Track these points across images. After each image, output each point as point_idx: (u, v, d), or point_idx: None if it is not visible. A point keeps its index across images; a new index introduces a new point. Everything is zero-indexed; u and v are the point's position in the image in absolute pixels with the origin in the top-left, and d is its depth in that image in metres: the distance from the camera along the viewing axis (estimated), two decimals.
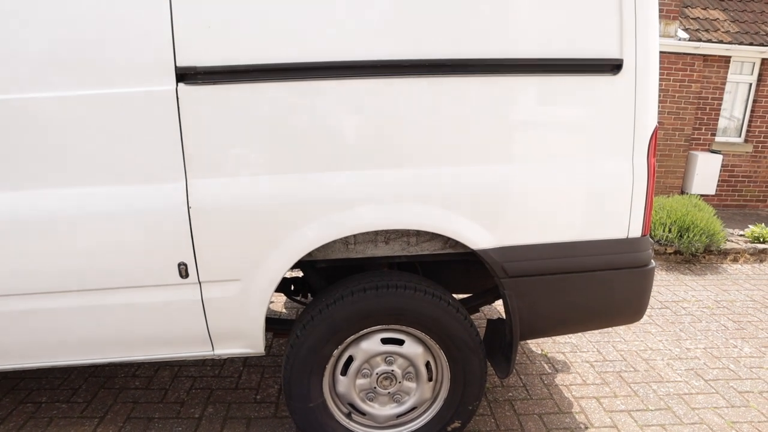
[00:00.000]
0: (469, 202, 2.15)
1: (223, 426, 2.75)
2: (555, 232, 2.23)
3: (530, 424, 2.81)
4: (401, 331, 2.32)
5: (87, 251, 2.03)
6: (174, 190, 2.02)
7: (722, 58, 8.41)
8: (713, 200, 8.99)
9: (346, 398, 2.39)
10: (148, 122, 1.96)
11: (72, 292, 2.10)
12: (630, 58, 2.12)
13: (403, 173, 2.10)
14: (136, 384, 3.13)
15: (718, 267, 5.68)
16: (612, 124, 2.18)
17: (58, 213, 1.99)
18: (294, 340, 2.24)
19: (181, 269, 2.09)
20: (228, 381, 3.18)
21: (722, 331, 4.05)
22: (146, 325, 2.18)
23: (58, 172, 1.97)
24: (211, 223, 2.05)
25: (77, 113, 1.93)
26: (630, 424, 2.83)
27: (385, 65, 2.01)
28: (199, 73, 1.95)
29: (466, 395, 2.38)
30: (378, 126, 2.06)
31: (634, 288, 2.37)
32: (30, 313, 2.11)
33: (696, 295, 4.83)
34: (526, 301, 2.27)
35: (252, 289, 2.16)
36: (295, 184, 2.06)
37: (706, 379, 3.32)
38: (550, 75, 2.10)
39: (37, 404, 2.92)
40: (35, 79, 1.89)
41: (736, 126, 9.08)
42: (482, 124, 2.10)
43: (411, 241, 2.33)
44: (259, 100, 1.99)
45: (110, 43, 1.89)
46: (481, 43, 2.03)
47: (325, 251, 2.30)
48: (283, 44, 1.95)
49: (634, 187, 2.24)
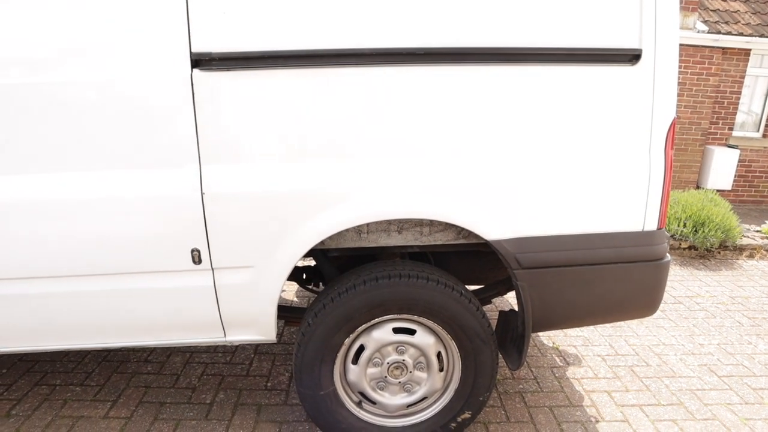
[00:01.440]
0: (484, 193, 2.13)
1: (233, 412, 2.77)
2: (569, 224, 2.21)
3: (540, 417, 2.80)
4: (413, 321, 2.32)
5: (101, 236, 2.05)
6: (188, 176, 2.02)
7: (742, 51, 8.27)
8: (729, 195, 8.87)
9: (356, 387, 2.39)
10: (162, 108, 1.96)
11: (86, 276, 2.11)
12: (649, 48, 2.09)
13: (418, 162, 2.09)
14: (148, 369, 3.16)
15: (733, 263, 5.61)
16: (629, 115, 2.15)
17: (72, 197, 2.00)
18: (305, 328, 2.25)
19: (194, 255, 2.10)
20: (239, 368, 3.20)
21: (737, 327, 4.00)
22: (159, 311, 2.20)
23: (73, 156, 1.98)
24: (224, 209, 2.05)
25: (92, 98, 1.93)
26: (641, 418, 2.82)
27: (403, 53, 1.99)
28: (213, 59, 1.95)
29: (477, 386, 2.37)
30: (394, 115, 2.04)
31: (649, 281, 2.34)
32: (45, 296, 2.13)
33: (710, 290, 4.78)
34: (540, 293, 2.25)
35: (264, 276, 2.16)
36: (310, 171, 2.06)
37: (719, 375, 3.28)
38: (567, 65, 2.07)
39: (51, 387, 2.96)
40: (52, 63, 1.90)
41: (754, 121, 8.94)
42: (497, 114, 2.08)
43: (424, 230, 2.32)
44: (273, 87, 1.98)
45: (126, 28, 1.89)
46: (497, 32, 2.00)
47: (337, 240, 2.29)
48: (299, 31, 1.94)
49: (650, 180, 2.21)
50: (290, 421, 2.70)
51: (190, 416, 2.73)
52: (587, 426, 2.73)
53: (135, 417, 2.71)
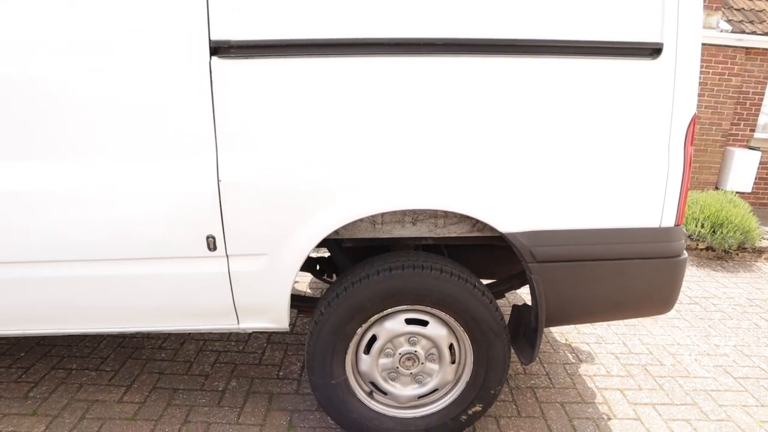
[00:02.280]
0: (499, 185, 2.12)
1: (245, 400, 2.79)
2: (585, 218, 2.19)
3: (552, 413, 2.79)
4: (426, 312, 2.32)
5: (119, 221, 2.07)
6: (205, 163, 2.04)
7: (766, 51, 8.13)
8: (749, 198, 8.73)
9: (368, 377, 2.40)
10: (181, 95, 1.98)
11: (103, 260, 2.14)
12: (671, 42, 2.06)
13: (433, 154, 2.08)
14: (162, 356, 3.20)
15: (752, 265, 5.52)
16: (649, 110, 2.12)
17: (90, 183, 2.02)
18: (318, 317, 2.26)
19: (209, 242, 2.12)
20: (252, 357, 3.22)
21: (754, 329, 3.94)
22: (174, 296, 2.22)
23: (92, 143, 2.00)
24: (240, 197, 2.06)
25: (111, 86, 1.95)
26: (654, 417, 2.79)
27: (423, 44, 1.99)
28: (232, 47, 1.96)
29: (489, 379, 2.37)
30: (412, 105, 2.04)
31: (665, 278, 2.31)
32: (63, 280, 2.16)
33: (727, 292, 4.71)
34: (554, 287, 2.24)
35: (278, 264, 2.17)
36: (326, 160, 2.06)
37: (735, 376, 3.24)
38: (587, 58, 2.05)
39: (68, 370, 3.01)
40: (73, 51, 1.92)
41: None
42: (515, 106, 2.06)
43: (439, 222, 2.31)
44: (291, 76, 1.99)
45: (145, 16, 1.90)
46: (518, 24, 1.99)
47: (351, 230, 2.30)
48: (318, 19, 1.95)
49: (669, 176, 2.18)
50: (301, 410, 2.72)
51: (203, 403, 2.75)
52: (599, 423, 2.71)
53: (148, 402, 2.74)
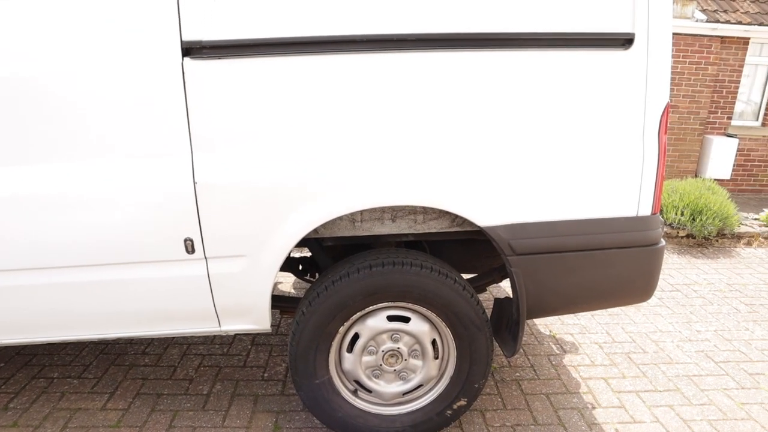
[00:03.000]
0: (477, 179, 2.12)
1: (230, 403, 2.77)
2: (563, 210, 2.20)
3: (537, 404, 2.80)
4: (407, 309, 2.32)
5: (94, 226, 2.04)
6: (180, 165, 2.02)
7: (741, 40, 8.24)
8: (728, 185, 8.86)
9: (352, 375, 2.39)
10: (153, 97, 1.95)
11: (80, 267, 2.11)
12: (642, 32, 2.07)
13: (410, 150, 2.08)
14: (145, 361, 3.17)
15: (731, 251, 5.61)
16: (622, 100, 2.14)
17: (64, 187, 1.99)
18: (300, 317, 2.25)
19: (187, 245, 2.10)
20: (236, 359, 3.20)
21: (734, 314, 4.00)
22: (153, 301, 2.20)
23: (64, 146, 1.97)
24: (216, 198, 2.05)
25: (82, 87, 1.92)
26: (638, 404, 2.82)
27: (394, 39, 1.98)
28: (204, 48, 1.94)
29: (472, 373, 2.38)
30: (386, 102, 2.03)
31: (644, 267, 2.34)
32: (40, 288, 2.13)
33: (708, 278, 4.78)
34: (534, 279, 2.25)
35: (258, 265, 2.16)
36: (302, 159, 2.05)
37: (716, 361, 3.29)
38: (559, 50, 2.06)
39: (49, 379, 2.97)
40: (40, 53, 1.88)
41: (753, 110, 8.92)
42: (489, 100, 2.07)
43: (418, 218, 2.31)
44: (265, 75, 1.97)
45: (115, 17, 1.88)
46: (489, 17, 1.99)
47: (331, 228, 2.29)
48: (291, 18, 1.93)
49: (644, 165, 2.20)
50: (287, 411, 2.71)
51: (187, 407, 2.73)
52: (584, 413, 2.74)
53: (132, 408, 2.72)
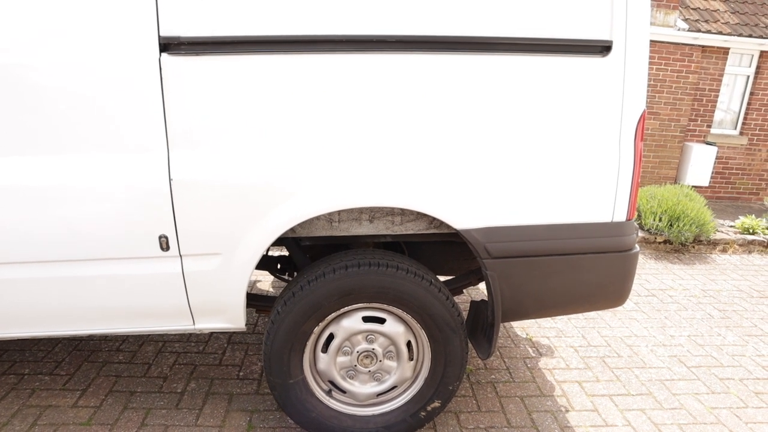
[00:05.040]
0: (453, 182, 2.13)
1: (204, 401, 2.75)
2: (539, 214, 2.22)
3: (511, 406, 2.82)
4: (383, 310, 2.32)
5: (67, 221, 2.01)
6: (156, 161, 2.00)
7: (721, 50, 8.37)
8: (707, 192, 8.99)
9: (326, 375, 2.39)
10: (130, 92, 1.93)
11: (52, 262, 2.08)
12: (620, 40, 2.10)
13: (387, 151, 2.08)
14: (119, 358, 3.13)
15: (707, 257, 5.69)
16: (599, 106, 2.16)
17: (36, 182, 1.96)
18: (275, 317, 2.24)
19: (161, 242, 2.08)
20: (212, 357, 3.18)
21: (707, 319, 4.06)
22: (127, 297, 2.17)
23: (38, 140, 1.94)
24: (192, 196, 2.03)
25: (57, 81, 1.90)
26: (611, 408, 2.85)
27: (373, 41, 1.98)
28: (182, 44, 1.92)
29: (447, 375, 2.38)
30: (363, 103, 2.03)
31: (618, 272, 2.36)
32: (9, 282, 2.10)
33: (683, 284, 4.85)
34: (509, 283, 2.27)
35: (233, 263, 2.15)
36: (278, 158, 2.04)
37: (688, 365, 3.33)
38: (537, 55, 2.07)
39: (19, 376, 2.92)
40: (14, 44, 1.86)
41: (732, 118, 9.05)
42: (466, 103, 2.07)
43: (396, 220, 2.31)
44: (243, 73, 1.96)
45: (92, 10, 1.85)
46: (466, 21, 2.00)
47: (308, 228, 2.28)
48: (270, 16, 1.92)
49: (620, 171, 2.23)
50: (261, 411, 2.69)
51: (161, 405, 2.71)
52: (557, 415, 2.76)
53: (104, 406, 2.68)
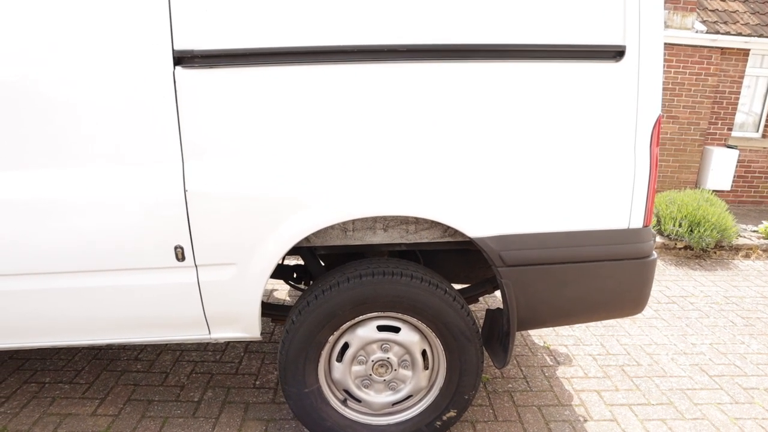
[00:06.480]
0: (468, 190, 2.12)
1: (221, 410, 2.77)
2: (554, 221, 2.20)
3: (528, 416, 2.79)
4: (397, 319, 2.32)
5: (84, 232, 2.04)
6: (171, 173, 2.02)
7: (741, 51, 8.24)
8: (728, 196, 8.84)
9: (341, 385, 2.39)
10: (145, 105, 1.96)
11: (72, 273, 2.11)
12: (633, 44, 2.08)
13: (401, 160, 2.08)
14: (137, 367, 3.16)
15: (729, 263, 5.59)
16: (614, 112, 2.14)
17: (54, 194, 2.00)
18: (290, 326, 2.25)
19: (177, 252, 2.10)
20: (228, 366, 3.19)
21: (730, 327, 3.99)
22: (143, 307, 2.20)
23: (55, 153, 1.98)
24: (207, 207, 2.05)
25: (75, 95, 1.93)
26: (630, 417, 2.81)
27: (386, 50, 1.99)
28: (196, 57, 1.95)
29: (462, 384, 2.37)
30: (377, 113, 2.04)
31: (635, 280, 2.33)
32: (30, 293, 2.13)
33: (705, 290, 4.76)
34: (524, 291, 2.25)
35: (248, 273, 2.16)
36: (293, 169, 2.05)
37: (710, 374, 3.27)
38: (551, 61, 2.06)
39: (40, 384, 2.97)
40: (35, 60, 1.90)
41: (754, 121, 8.91)
42: (481, 111, 2.07)
43: (410, 228, 2.31)
44: (256, 85, 1.98)
45: (108, 26, 1.89)
46: (481, 29, 2.00)
47: (323, 237, 2.29)
48: (282, 28, 1.94)
49: (635, 177, 2.20)
50: (277, 419, 2.70)
51: (178, 414, 2.73)
52: (575, 425, 2.72)
53: (123, 414, 2.71)
